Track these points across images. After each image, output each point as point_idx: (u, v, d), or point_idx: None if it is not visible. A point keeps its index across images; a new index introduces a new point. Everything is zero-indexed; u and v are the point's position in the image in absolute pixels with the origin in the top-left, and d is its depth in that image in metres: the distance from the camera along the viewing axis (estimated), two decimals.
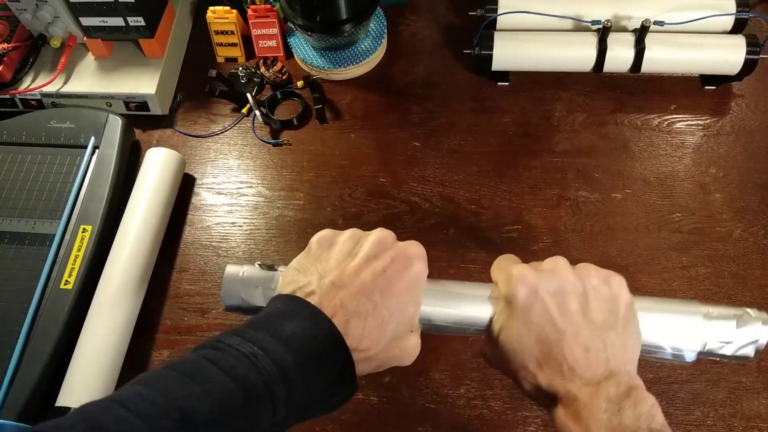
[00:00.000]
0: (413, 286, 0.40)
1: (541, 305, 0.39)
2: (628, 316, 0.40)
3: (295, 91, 0.77)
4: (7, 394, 0.55)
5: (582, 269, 0.41)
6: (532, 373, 0.39)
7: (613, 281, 0.40)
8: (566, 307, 0.39)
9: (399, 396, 0.59)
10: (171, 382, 0.32)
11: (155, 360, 0.61)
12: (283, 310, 0.37)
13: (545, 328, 0.39)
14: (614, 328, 0.39)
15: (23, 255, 0.63)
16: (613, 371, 0.38)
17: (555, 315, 0.39)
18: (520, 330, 0.39)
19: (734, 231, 0.66)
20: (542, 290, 0.40)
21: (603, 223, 0.67)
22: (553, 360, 0.38)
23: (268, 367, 0.34)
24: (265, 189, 0.71)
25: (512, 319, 0.40)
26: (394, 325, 0.39)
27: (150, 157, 0.68)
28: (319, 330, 0.36)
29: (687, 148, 0.71)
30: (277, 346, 0.35)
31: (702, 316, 0.41)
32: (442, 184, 0.70)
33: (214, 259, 0.67)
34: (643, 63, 0.71)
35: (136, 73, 0.74)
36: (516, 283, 0.40)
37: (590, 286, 0.40)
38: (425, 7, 0.84)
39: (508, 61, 0.73)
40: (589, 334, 0.39)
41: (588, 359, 0.38)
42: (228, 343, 0.35)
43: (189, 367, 0.34)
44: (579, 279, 0.40)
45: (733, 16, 0.72)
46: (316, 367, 0.35)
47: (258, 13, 0.76)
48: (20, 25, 0.75)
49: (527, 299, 0.39)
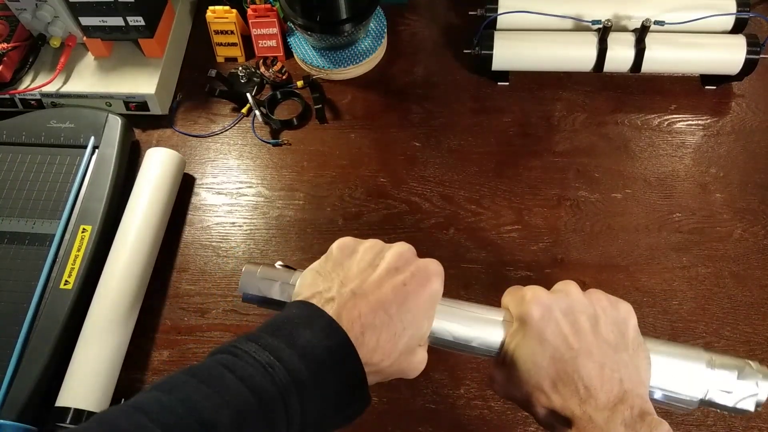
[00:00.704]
0: (429, 302, 0.40)
1: (555, 324, 0.40)
2: (638, 340, 0.41)
3: (295, 91, 0.77)
4: (7, 394, 0.55)
5: (592, 293, 0.42)
6: (546, 395, 0.39)
7: (621, 306, 0.41)
8: (578, 326, 0.40)
9: (399, 396, 0.59)
10: (190, 390, 0.33)
11: (155, 360, 0.61)
12: (300, 316, 0.38)
13: (560, 347, 0.39)
14: (626, 350, 0.40)
15: (23, 255, 0.63)
16: (627, 393, 0.38)
17: (568, 333, 0.39)
18: (534, 348, 0.39)
19: (734, 231, 0.66)
20: (555, 309, 0.40)
21: (603, 223, 0.66)
22: (569, 378, 0.38)
23: (284, 378, 0.34)
24: (265, 189, 0.71)
25: (527, 338, 0.40)
26: (407, 339, 0.39)
27: (150, 157, 0.68)
28: (334, 341, 0.36)
29: (687, 148, 0.71)
30: (292, 356, 0.35)
31: (705, 363, 0.41)
32: (442, 184, 0.70)
33: (214, 259, 0.66)
34: (643, 63, 0.71)
35: (136, 72, 0.74)
36: (530, 302, 0.41)
37: (600, 308, 0.41)
38: (425, 7, 0.84)
39: (508, 61, 0.73)
40: (602, 352, 0.39)
41: (602, 377, 0.38)
42: (245, 350, 0.35)
43: (207, 374, 0.34)
44: (589, 301, 0.41)
45: (733, 16, 0.71)
46: (329, 378, 0.36)
47: (258, 13, 0.76)
48: (20, 25, 0.75)
49: (541, 318, 0.40)
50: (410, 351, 0.40)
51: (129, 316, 0.60)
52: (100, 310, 0.60)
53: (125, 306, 0.60)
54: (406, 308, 0.39)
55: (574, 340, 0.39)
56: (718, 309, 0.61)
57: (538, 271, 0.64)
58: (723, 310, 0.61)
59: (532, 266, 0.64)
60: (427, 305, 0.40)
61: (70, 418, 0.54)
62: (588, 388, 0.38)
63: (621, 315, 0.41)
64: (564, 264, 0.64)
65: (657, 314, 0.61)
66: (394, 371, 0.40)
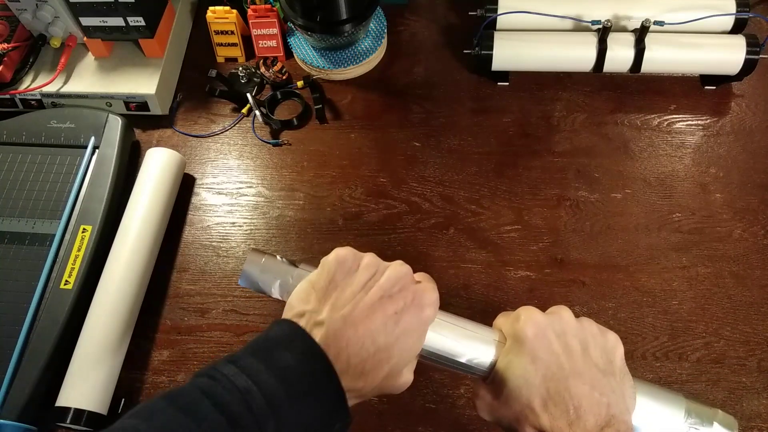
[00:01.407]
0: (420, 332, 0.41)
1: (548, 343, 0.40)
2: (625, 369, 0.42)
3: (295, 91, 0.77)
4: (7, 394, 0.55)
5: (583, 320, 0.43)
6: (535, 413, 0.39)
7: (609, 335, 0.42)
8: (570, 348, 0.41)
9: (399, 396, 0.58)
10: (167, 419, 0.33)
11: (155, 360, 0.61)
12: (282, 337, 0.38)
13: (552, 366, 0.40)
14: (613, 376, 0.41)
15: (23, 255, 0.63)
16: (614, 417, 0.39)
17: (560, 353, 0.40)
18: (527, 366, 0.40)
19: (734, 231, 0.66)
20: (549, 329, 0.41)
21: (603, 223, 0.67)
22: (559, 398, 0.39)
23: (261, 404, 0.34)
24: (265, 189, 0.71)
25: (520, 355, 0.40)
26: (391, 367, 0.39)
27: (150, 157, 0.68)
28: (315, 365, 0.37)
29: (687, 148, 0.71)
30: (270, 379, 0.35)
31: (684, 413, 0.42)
32: (442, 184, 0.70)
33: (214, 259, 0.67)
34: (643, 63, 0.71)
35: (136, 73, 0.74)
36: (525, 321, 0.41)
37: (590, 334, 0.42)
38: (425, 7, 0.84)
39: (508, 61, 0.73)
40: (591, 375, 0.40)
41: (591, 399, 0.39)
42: (223, 373, 0.35)
43: (185, 401, 0.34)
44: (581, 326, 0.42)
45: (733, 16, 0.72)
46: (308, 402, 0.36)
47: (258, 13, 0.76)
48: (20, 25, 0.75)
49: (535, 336, 0.41)
50: (396, 375, 0.40)
51: (129, 316, 0.60)
52: (100, 310, 0.60)
53: (125, 306, 0.60)
54: (394, 338, 0.39)
55: (566, 360, 0.40)
56: (717, 309, 0.61)
57: (538, 271, 0.64)
58: (723, 310, 0.61)
59: (531, 266, 0.64)
60: (417, 334, 0.40)
61: (70, 418, 0.54)
62: (577, 409, 0.38)
63: (610, 343, 0.42)
64: (564, 264, 0.64)
65: (657, 314, 0.61)
66: (377, 393, 0.40)
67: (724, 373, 0.58)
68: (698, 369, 0.58)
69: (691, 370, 0.58)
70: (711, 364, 0.59)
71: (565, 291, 0.63)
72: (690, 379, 0.58)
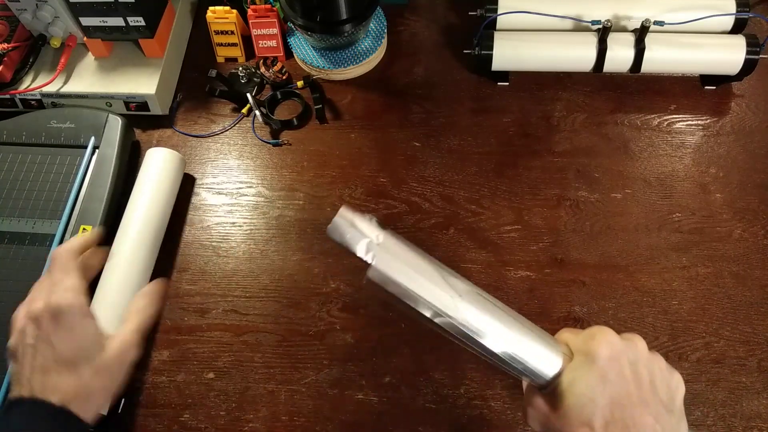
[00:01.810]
0: None
1: (620, 368, 0.40)
2: (683, 411, 0.42)
3: (295, 91, 0.77)
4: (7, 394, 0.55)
5: (654, 354, 0.43)
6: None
7: (675, 374, 0.42)
8: (640, 377, 0.40)
9: (399, 396, 0.59)
10: None
11: (155, 360, 0.61)
12: None
13: (621, 391, 0.40)
14: (673, 414, 0.41)
15: (23, 255, 0.63)
16: None
17: (630, 381, 0.40)
18: (596, 385, 0.40)
19: (734, 231, 0.66)
20: (623, 355, 0.41)
21: (603, 223, 0.67)
22: (622, 424, 0.39)
23: None
24: (265, 189, 0.71)
25: (590, 372, 0.40)
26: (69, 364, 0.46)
27: (150, 157, 0.68)
28: None
29: (687, 148, 0.71)
30: None
31: None
32: (442, 184, 0.70)
33: (214, 259, 0.67)
34: (643, 63, 0.71)
35: (136, 73, 0.74)
36: (601, 341, 0.41)
37: (659, 368, 0.42)
38: (425, 7, 0.84)
39: (508, 61, 0.73)
40: (656, 408, 0.40)
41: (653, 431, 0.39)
42: None
43: None
44: (652, 358, 0.42)
45: (733, 16, 0.72)
46: None
47: (258, 13, 0.76)
48: (20, 25, 0.75)
49: (609, 358, 0.40)
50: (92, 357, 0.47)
51: None
52: (101, 310, 0.59)
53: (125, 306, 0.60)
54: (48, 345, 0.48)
55: (635, 388, 0.40)
56: (717, 309, 0.61)
57: (538, 271, 0.64)
58: (723, 310, 0.61)
59: (532, 266, 0.64)
60: None
61: None
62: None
63: (674, 382, 0.42)
64: (564, 264, 0.64)
65: (657, 314, 0.61)
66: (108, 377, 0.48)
67: (724, 373, 0.58)
68: (698, 369, 0.58)
69: (691, 370, 0.58)
70: (711, 364, 0.59)
71: (565, 291, 0.63)
72: (690, 379, 0.58)
